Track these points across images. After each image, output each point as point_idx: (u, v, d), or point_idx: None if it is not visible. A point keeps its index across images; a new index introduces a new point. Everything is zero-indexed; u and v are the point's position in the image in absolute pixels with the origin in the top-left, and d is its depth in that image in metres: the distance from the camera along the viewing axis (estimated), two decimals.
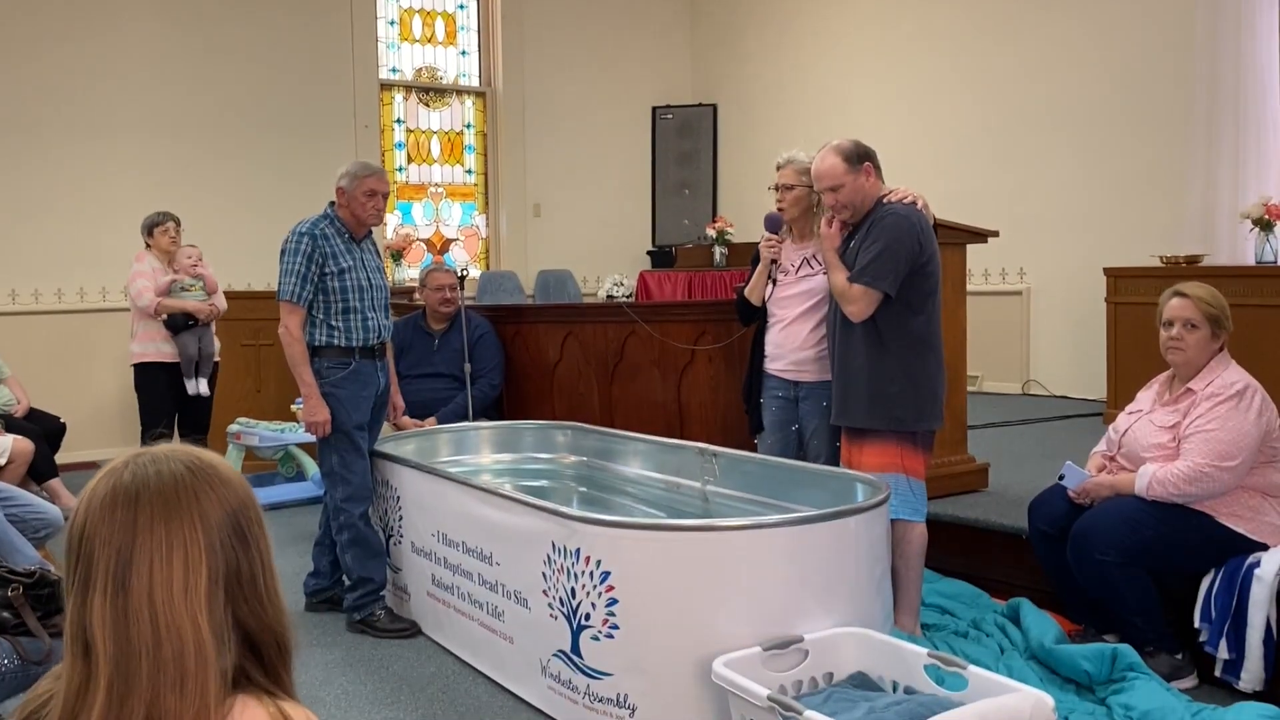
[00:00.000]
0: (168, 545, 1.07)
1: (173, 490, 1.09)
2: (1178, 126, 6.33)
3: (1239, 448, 3.07)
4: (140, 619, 1.04)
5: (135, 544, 1.06)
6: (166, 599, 1.05)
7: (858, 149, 3.36)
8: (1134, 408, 3.45)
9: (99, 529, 1.08)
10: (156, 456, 1.13)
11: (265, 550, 1.14)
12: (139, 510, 1.07)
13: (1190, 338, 3.23)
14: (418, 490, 3.77)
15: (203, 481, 1.11)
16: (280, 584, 1.17)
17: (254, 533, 1.13)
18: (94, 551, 1.07)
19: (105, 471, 1.13)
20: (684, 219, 9.25)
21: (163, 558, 1.06)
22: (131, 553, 1.06)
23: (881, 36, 8.08)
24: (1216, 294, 3.27)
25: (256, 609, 1.11)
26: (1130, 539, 3.12)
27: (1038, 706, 2.25)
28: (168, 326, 5.23)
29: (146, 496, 1.08)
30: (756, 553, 2.71)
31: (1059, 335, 7.01)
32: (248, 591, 1.10)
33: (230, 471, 1.15)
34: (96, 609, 1.05)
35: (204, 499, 1.09)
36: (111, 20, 7.09)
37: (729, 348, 4.35)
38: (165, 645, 1.04)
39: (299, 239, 3.79)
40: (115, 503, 1.09)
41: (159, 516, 1.07)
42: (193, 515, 1.08)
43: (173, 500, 1.08)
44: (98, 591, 1.06)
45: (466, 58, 8.91)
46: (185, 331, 5.23)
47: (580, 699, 2.87)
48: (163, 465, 1.11)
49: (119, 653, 1.04)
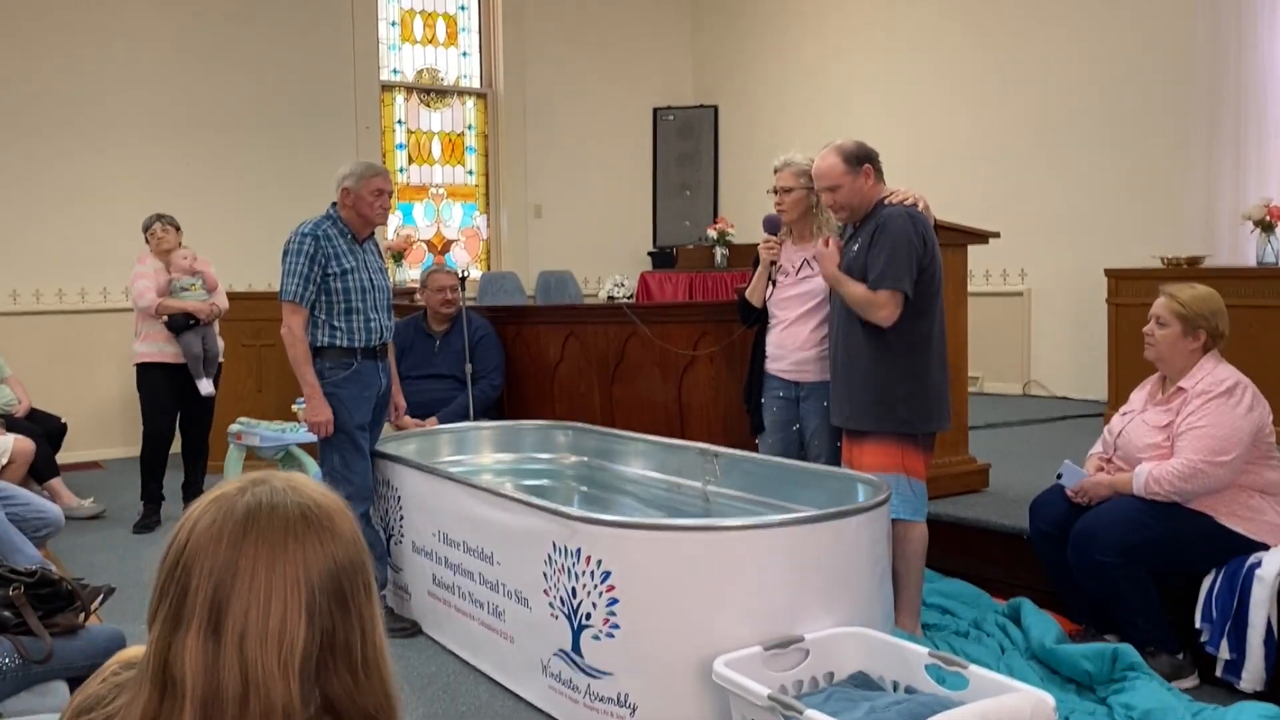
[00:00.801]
0: (267, 593, 0.98)
1: (281, 533, 1.00)
2: (1179, 127, 6.33)
3: (1232, 443, 3.08)
4: (230, 666, 0.97)
5: (235, 584, 0.98)
6: (259, 651, 0.97)
7: (859, 150, 3.37)
8: (1127, 408, 3.47)
9: (200, 558, 1.00)
10: (275, 490, 1.04)
11: (370, 620, 1.04)
12: (244, 547, 0.99)
13: (1159, 334, 3.28)
14: (419, 490, 3.77)
15: (315, 530, 1.01)
16: (387, 662, 1.05)
17: (359, 598, 1.02)
18: (191, 582, 0.99)
19: (216, 495, 1.04)
20: (685, 220, 9.25)
21: (260, 605, 0.98)
22: (230, 593, 0.98)
23: (883, 37, 8.09)
24: (1207, 298, 3.26)
25: (347, 683, 1.00)
26: (1130, 539, 3.12)
27: (1038, 706, 2.25)
28: (169, 327, 5.23)
29: (255, 534, 0.99)
30: (757, 553, 2.71)
31: (1060, 336, 7.01)
32: (340, 662, 1.00)
33: (347, 525, 1.05)
34: (189, 646, 0.98)
35: (310, 549, 1.00)
36: (113, 22, 7.10)
37: (729, 349, 4.35)
38: (252, 701, 0.96)
39: (301, 239, 3.79)
40: (222, 534, 1.00)
41: (263, 559, 0.99)
42: (297, 565, 0.99)
43: (279, 545, 0.99)
44: (192, 628, 0.98)
45: (467, 59, 8.92)
46: (188, 331, 5.22)
47: (581, 698, 2.87)
48: (278, 501, 1.02)
49: (208, 697, 0.96)
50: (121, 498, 5.66)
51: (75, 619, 2.51)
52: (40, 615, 2.44)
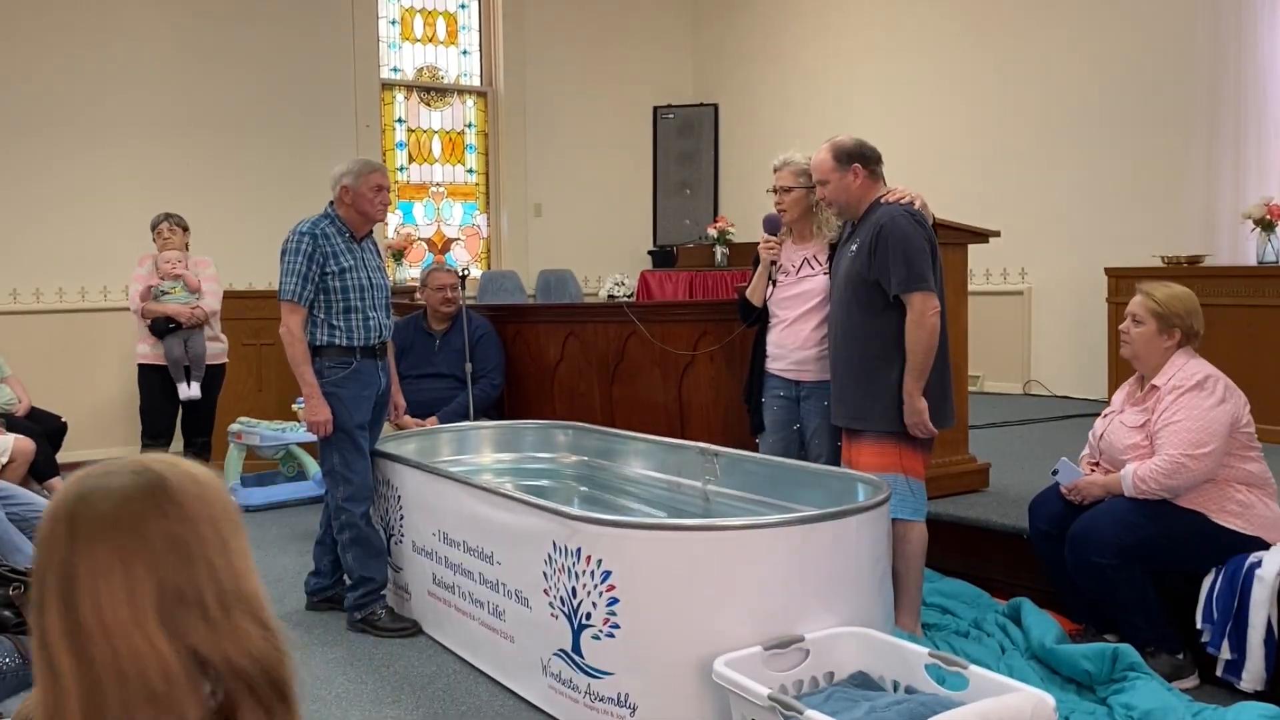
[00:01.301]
0: (107, 564, 1.01)
1: (110, 507, 1.04)
2: (1179, 126, 6.33)
3: (1209, 434, 3.09)
4: (95, 638, 1.00)
5: (76, 561, 1.02)
6: (115, 619, 1.00)
7: (852, 149, 3.37)
8: (1109, 409, 3.50)
9: (45, 544, 1.05)
10: (108, 469, 1.08)
11: (222, 568, 1.06)
12: (78, 526, 1.03)
13: (1134, 332, 3.32)
14: (419, 490, 3.77)
15: (147, 497, 1.05)
16: (255, 605, 1.07)
17: (200, 551, 1.05)
18: (44, 568, 1.04)
19: (60, 489, 1.09)
20: (685, 219, 9.25)
21: (104, 577, 1.01)
22: (74, 570, 1.02)
23: (883, 36, 8.08)
24: (1182, 297, 3.28)
25: (201, 630, 1.03)
26: (1125, 540, 3.12)
27: (1039, 706, 2.25)
28: (153, 331, 5.24)
29: (86, 513, 1.03)
30: (757, 552, 2.71)
31: (1060, 335, 7.01)
32: (191, 611, 1.03)
33: (185, 484, 1.08)
34: (52, 627, 1.02)
35: (147, 517, 1.04)
36: (113, 22, 7.09)
37: (730, 348, 4.35)
38: (128, 666, 0.99)
39: (300, 238, 3.79)
40: (58, 517, 1.04)
41: (96, 534, 1.02)
42: (129, 534, 1.02)
43: (109, 517, 1.03)
44: (51, 609, 1.02)
45: (468, 57, 8.91)
46: (169, 335, 5.22)
47: (581, 698, 2.87)
48: (112, 479, 1.06)
49: (83, 673, 1.00)
50: None
51: None
52: None
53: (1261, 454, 3.22)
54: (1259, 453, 3.21)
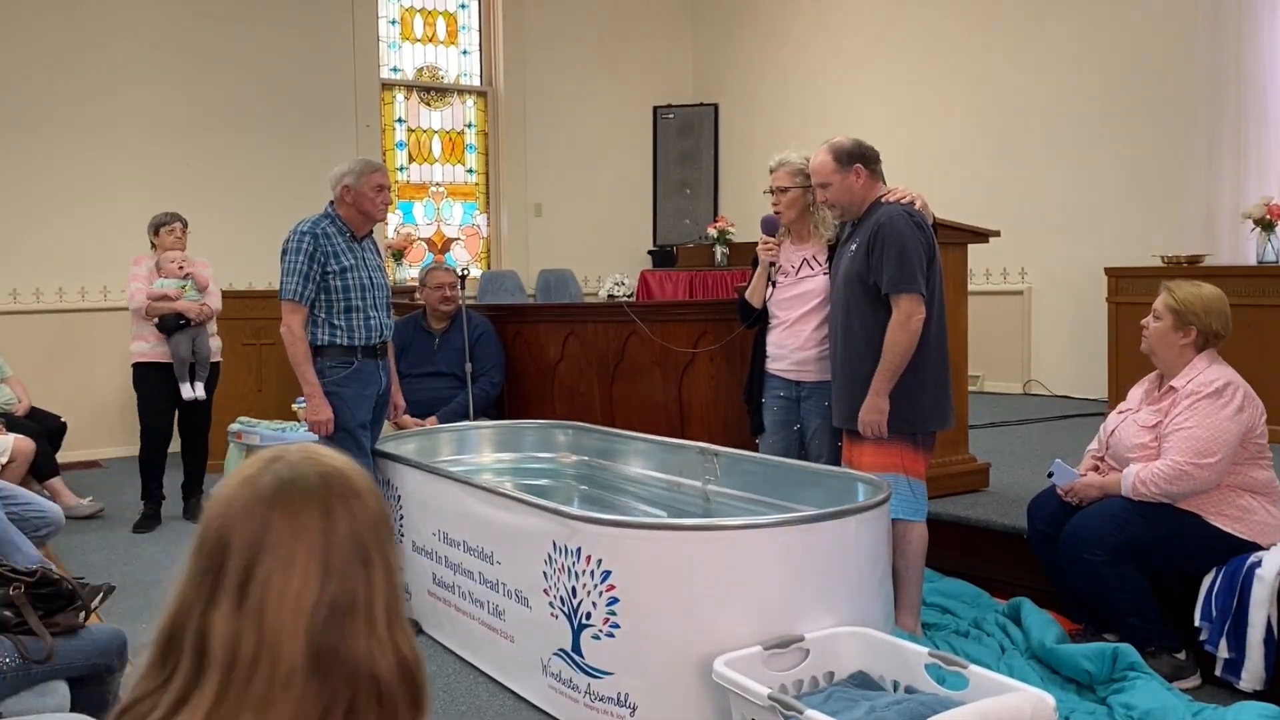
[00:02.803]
0: (289, 554, 1.02)
1: (302, 498, 1.04)
2: (1179, 126, 6.33)
3: (1218, 445, 3.07)
4: (248, 632, 1.00)
5: (262, 554, 1.02)
6: (276, 612, 1.00)
7: (852, 149, 3.36)
8: (1124, 406, 3.47)
9: (236, 531, 1.03)
10: (293, 462, 1.08)
11: (390, 572, 1.07)
12: (270, 519, 1.03)
13: (1152, 327, 3.29)
14: (419, 489, 3.77)
15: (335, 492, 1.05)
16: (405, 624, 1.08)
17: (383, 550, 1.06)
18: (226, 560, 1.03)
19: (240, 475, 1.08)
20: (685, 218, 9.25)
21: (283, 568, 1.01)
22: (257, 563, 1.02)
23: (883, 36, 8.08)
24: (1205, 296, 3.24)
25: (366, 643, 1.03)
26: (1116, 538, 3.12)
27: (1039, 706, 2.25)
28: (160, 329, 5.21)
29: (280, 505, 1.03)
30: (757, 552, 2.71)
31: (1060, 335, 7.01)
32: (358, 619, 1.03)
33: (366, 484, 1.09)
34: (220, 618, 1.01)
35: (334, 513, 1.04)
36: (113, 22, 7.10)
37: (730, 348, 4.35)
38: (262, 662, 0.99)
39: (300, 238, 3.79)
40: (251, 510, 1.04)
41: (286, 524, 1.03)
42: (317, 526, 1.03)
43: (300, 508, 1.03)
44: (226, 597, 1.02)
45: (468, 57, 8.91)
46: (178, 332, 5.21)
47: (581, 698, 2.87)
48: (297, 471, 1.06)
49: (228, 663, 1.00)
50: (121, 497, 5.66)
51: (76, 618, 2.51)
52: (40, 615, 2.44)
53: (1271, 462, 3.20)
54: (1269, 460, 3.18)
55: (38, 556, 3.24)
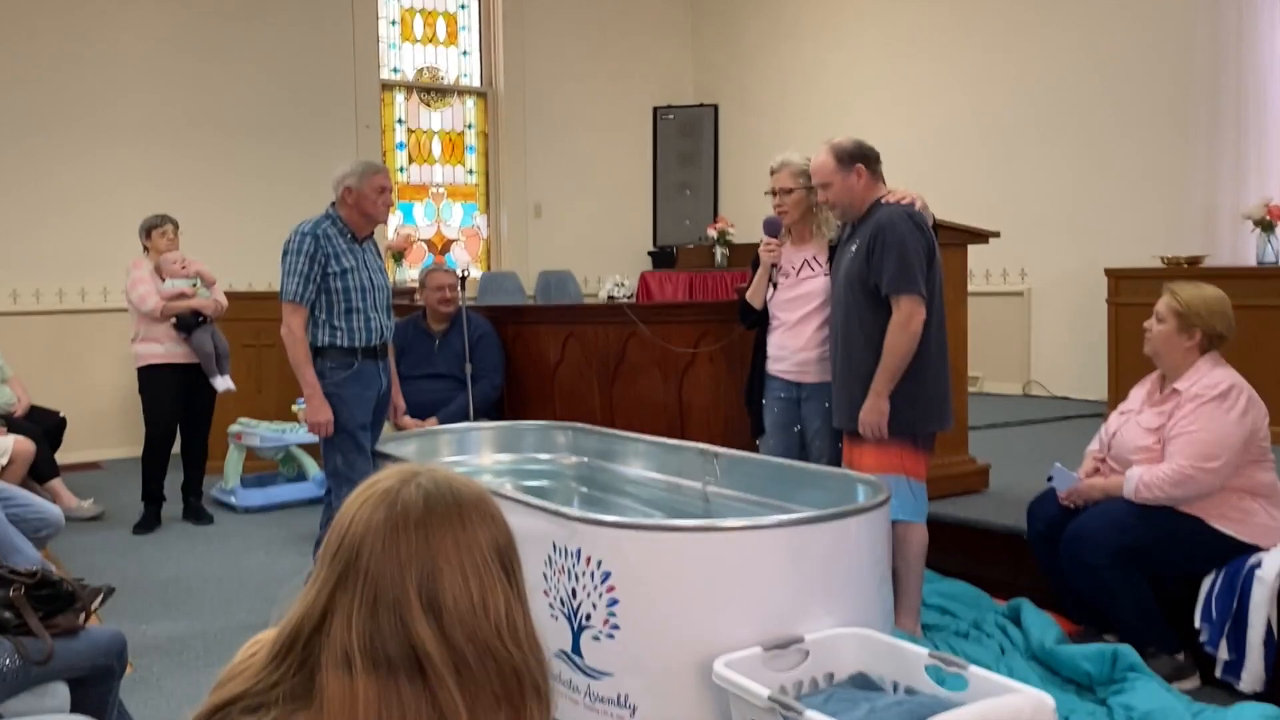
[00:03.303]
0: (461, 565, 1.08)
1: (460, 518, 1.11)
2: (1179, 127, 6.33)
3: (1222, 448, 3.06)
4: (460, 638, 1.06)
5: (437, 563, 1.07)
6: (472, 618, 1.07)
7: (853, 150, 3.36)
8: (1126, 407, 3.46)
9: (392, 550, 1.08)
10: (436, 479, 1.14)
11: (525, 591, 1.14)
12: (431, 530, 1.09)
13: (1155, 329, 3.28)
14: None
15: (480, 512, 1.13)
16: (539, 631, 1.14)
17: (516, 570, 1.13)
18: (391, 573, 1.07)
19: (382, 490, 1.12)
20: (685, 219, 9.25)
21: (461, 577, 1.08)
22: (436, 571, 1.07)
23: (883, 36, 8.08)
24: (1209, 299, 3.23)
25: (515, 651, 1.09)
26: (1119, 541, 3.11)
27: (1038, 707, 2.25)
28: (179, 328, 5.20)
29: (439, 517, 1.10)
30: (757, 553, 2.70)
31: (1060, 336, 7.01)
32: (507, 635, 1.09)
33: (496, 506, 1.17)
34: (420, 629, 1.05)
35: (483, 530, 1.12)
36: (113, 23, 7.10)
37: (730, 349, 4.35)
38: (488, 664, 1.06)
39: (301, 239, 3.79)
40: (408, 522, 1.09)
41: (451, 539, 1.09)
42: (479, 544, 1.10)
43: (461, 528, 1.10)
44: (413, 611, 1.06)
45: (468, 58, 8.92)
46: (198, 330, 5.21)
47: (581, 699, 2.86)
48: (444, 488, 1.13)
49: (459, 665, 1.06)
50: (121, 498, 5.65)
51: (75, 620, 2.51)
52: (40, 616, 2.44)
53: (1274, 464, 3.19)
54: (1272, 463, 3.18)
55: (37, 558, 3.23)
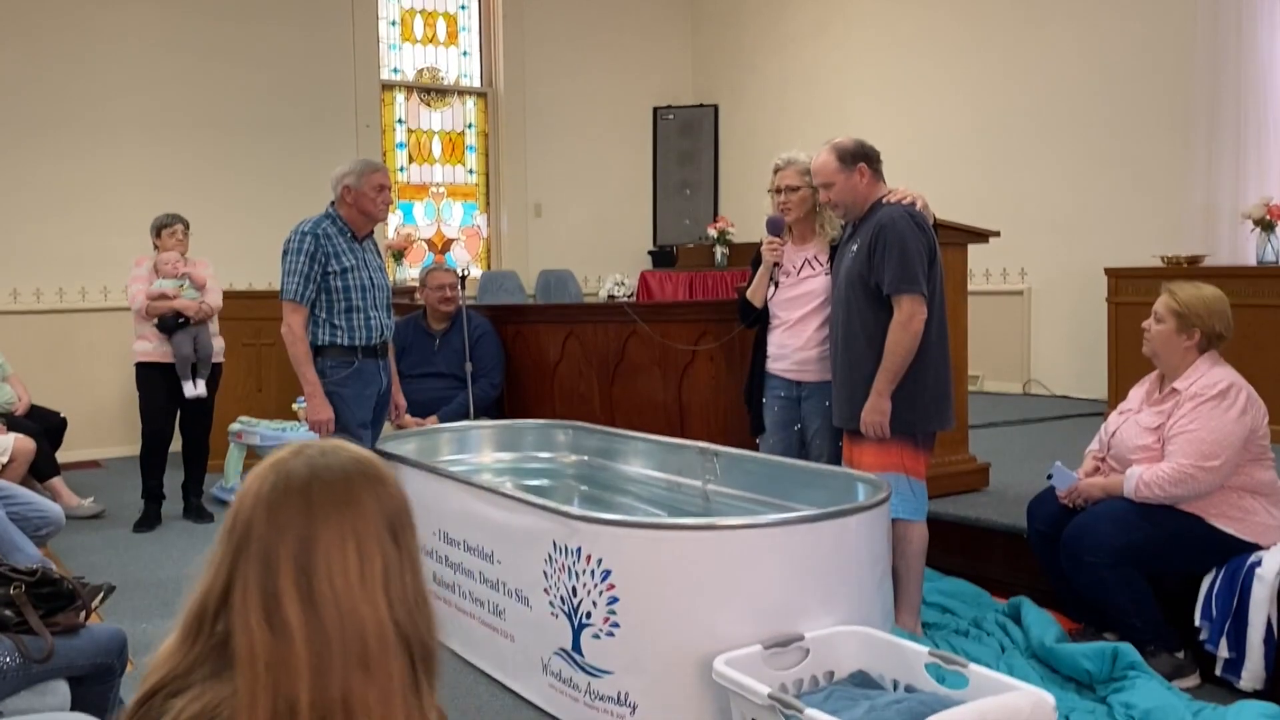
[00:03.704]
0: (341, 534, 1.11)
1: (343, 483, 1.14)
2: (1179, 126, 6.33)
3: (1221, 447, 3.07)
4: (329, 603, 1.09)
5: (314, 531, 1.11)
6: (345, 585, 1.10)
7: (855, 149, 3.37)
8: (1125, 406, 3.46)
9: (275, 516, 1.12)
10: (325, 449, 1.17)
11: (417, 557, 1.18)
12: (314, 498, 1.12)
13: (1154, 330, 3.28)
14: (419, 489, 3.76)
15: (368, 478, 1.15)
16: (430, 595, 1.19)
17: (407, 537, 1.16)
18: (271, 538, 1.11)
19: (272, 462, 1.16)
20: (685, 219, 9.26)
21: (339, 546, 1.11)
22: (313, 539, 1.11)
23: (882, 36, 8.09)
24: (1207, 298, 3.24)
25: (410, 613, 1.14)
26: (1119, 540, 3.12)
27: (1038, 705, 2.25)
28: (160, 328, 5.22)
29: (319, 486, 1.13)
30: (757, 552, 2.71)
31: (1060, 335, 7.01)
32: (400, 593, 1.14)
33: (389, 473, 1.19)
34: (286, 590, 1.09)
35: (368, 495, 1.14)
36: (113, 23, 7.10)
37: (730, 348, 4.35)
38: (349, 628, 1.09)
39: (301, 238, 3.79)
40: (290, 490, 1.13)
41: (333, 506, 1.12)
42: (362, 508, 1.13)
43: (343, 492, 1.13)
44: (286, 575, 1.10)
45: (468, 58, 8.92)
46: (178, 331, 5.21)
47: (581, 697, 2.87)
48: (331, 459, 1.16)
49: (314, 634, 1.09)
50: (121, 497, 5.66)
51: (76, 618, 2.51)
52: (41, 614, 2.44)
53: (1273, 463, 3.19)
54: (1272, 461, 3.18)
55: (38, 556, 3.24)
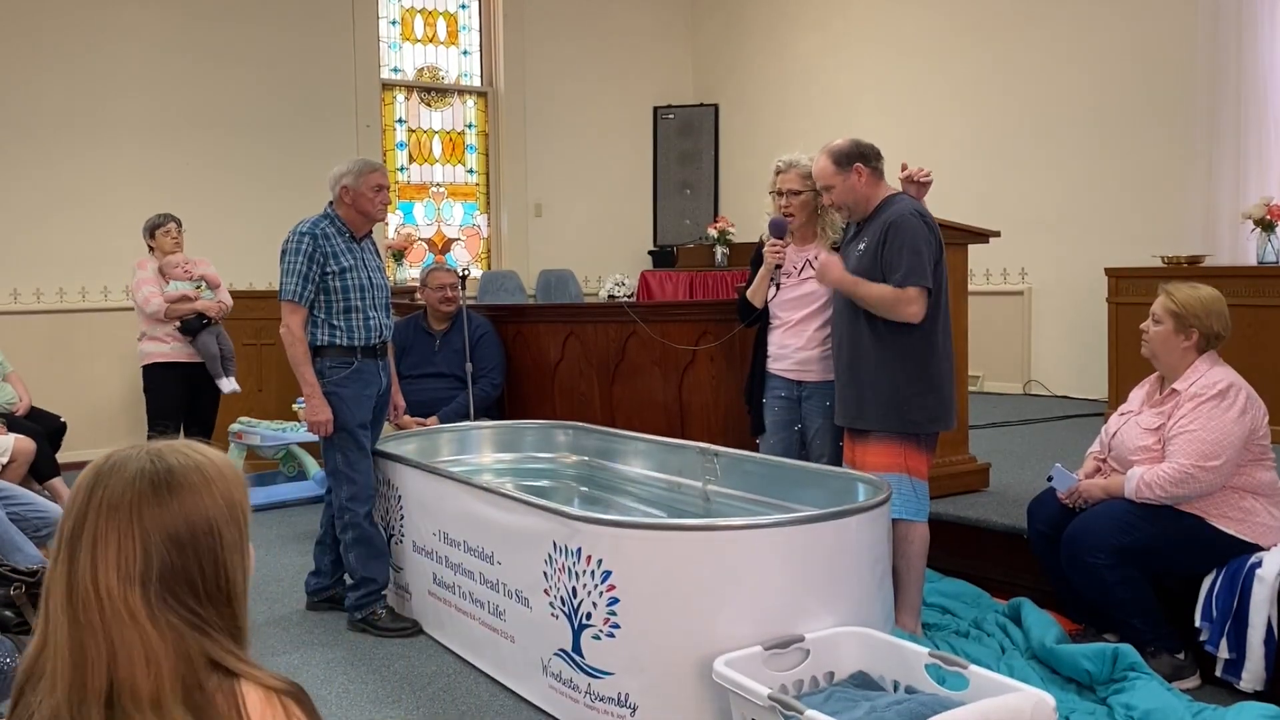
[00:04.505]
0: (105, 536, 1.13)
1: (119, 490, 1.15)
2: (1179, 126, 6.33)
3: (1222, 447, 3.07)
4: (87, 594, 1.12)
5: (85, 524, 1.14)
6: (108, 582, 1.12)
7: (850, 150, 3.38)
8: (1125, 408, 3.46)
9: (67, 509, 1.18)
10: (131, 454, 1.19)
11: (217, 562, 1.17)
12: (91, 499, 1.15)
13: (1152, 331, 3.29)
14: (419, 490, 3.77)
15: (150, 487, 1.16)
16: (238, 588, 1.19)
17: (200, 546, 1.16)
18: (60, 530, 1.17)
19: (97, 457, 1.21)
20: (685, 219, 9.26)
21: (103, 545, 1.13)
22: (81, 531, 1.14)
23: (883, 36, 8.08)
24: (1204, 298, 3.24)
25: (191, 604, 1.15)
26: (1120, 541, 3.12)
27: (1039, 706, 2.25)
28: (183, 331, 5.21)
29: (99, 489, 1.16)
30: (757, 552, 2.71)
31: (1060, 335, 7.01)
32: (182, 588, 1.15)
33: (191, 478, 1.18)
34: (55, 582, 1.14)
35: (146, 507, 1.15)
36: (113, 22, 7.09)
37: (730, 348, 4.35)
38: (114, 632, 1.11)
39: (300, 239, 3.79)
40: (81, 487, 1.17)
41: (103, 510, 1.15)
42: (130, 517, 1.14)
43: (118, 498, 1.15)
44: (59, 567, 1.14)
45: (468, 57, 8.92)
46: (203, 331, 5.22)
47: (581, 698, 2.87)
48: (129, 464, 1.18)
49: (73, 630, 1.12)
50: None
51: None
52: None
53: (1274, 463, 3.20)
54: (1272, 462, 3.18)
55: (38, 556, 3.24)
